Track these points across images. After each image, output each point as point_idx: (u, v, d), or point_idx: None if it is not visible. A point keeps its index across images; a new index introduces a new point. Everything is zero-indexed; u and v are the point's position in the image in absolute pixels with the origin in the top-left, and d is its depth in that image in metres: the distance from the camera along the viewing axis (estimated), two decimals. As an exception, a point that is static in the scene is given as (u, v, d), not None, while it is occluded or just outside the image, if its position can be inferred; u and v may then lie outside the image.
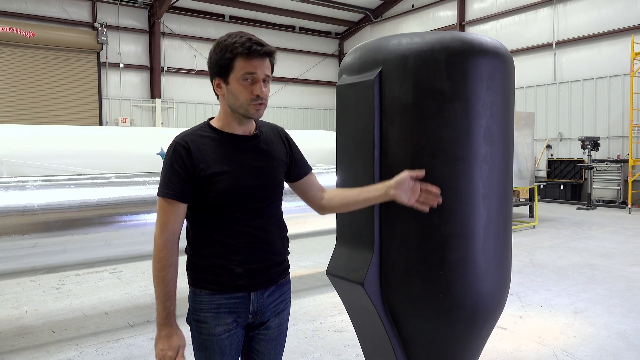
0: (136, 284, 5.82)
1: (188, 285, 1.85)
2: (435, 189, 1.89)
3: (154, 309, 4.86)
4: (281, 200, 1.92)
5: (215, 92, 1.79)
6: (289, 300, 1.98)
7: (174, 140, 1.75)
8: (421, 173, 1.90)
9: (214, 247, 1.76)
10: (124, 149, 8.23)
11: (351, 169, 2.17)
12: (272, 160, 1.85)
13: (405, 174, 1.88)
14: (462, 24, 17.16)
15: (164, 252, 1.71)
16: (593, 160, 12.68)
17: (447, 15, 17.86)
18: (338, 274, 2.15)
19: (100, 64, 16.76)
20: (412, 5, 19.02)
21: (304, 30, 21.45)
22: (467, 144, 1.99)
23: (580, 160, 13.51)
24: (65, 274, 6.19)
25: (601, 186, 13.04)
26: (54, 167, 7.01)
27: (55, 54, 15.80)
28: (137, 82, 17.79)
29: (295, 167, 1.95)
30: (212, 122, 1.82)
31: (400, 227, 2.03)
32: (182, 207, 1.74)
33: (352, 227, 2.16)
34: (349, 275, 2.09)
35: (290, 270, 1.98)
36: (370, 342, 2.26)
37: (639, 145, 12.62)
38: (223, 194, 1.72)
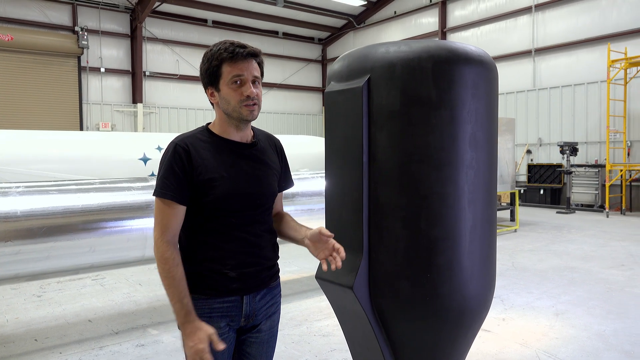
0: (119, 290, 5.76)
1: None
2: (342, 254, 1.77)
3: (138, 315, 4.84)
4: (273, 207, 1.95)
5: (210, 101, 1.82)
6: (279, 304, 2.01)
7: (173, 142, 1.76)
8: (331, 234, 1.79)
9: (209, 252, 1.78)
10: (106, 154, 8.11)
11: (340, 173, 2.21)
12: (268, 168, 1.88)
13: (317, 230, 1.80)
14: (443, 30, 17.39)
15: (169, 252, 1.70)
16: (572, 165, 12.95)
17: (429, 22, 18.09)
18: (327, 278, 2.18)
19: (80, 68, 16.56)
20: (395, 12, 19.22)
21: (287, 36, 21.51)
22: (453, 150, 2.04)
23: (560, 165, 13.78)
24: (47, 282, 6.09)
25: (580, 190, 13.31)
26: (33, 173, 6.89)
27: (34, 58, 15.56)
28: (118, 86, 17.61)
29: (280, 180, 1.99)
30: (211, 127, 1.84)
31: (388, 232, 2.06)
32: (181, 209, 1.74)
33: (341, 232, 2.18)
34: (339, 279, 2.12)
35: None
36: (359, 345, 2.29)
37: (616, 150, 12.92)
38: (220, 199, 1.74)
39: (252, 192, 1.81)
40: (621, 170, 12.12)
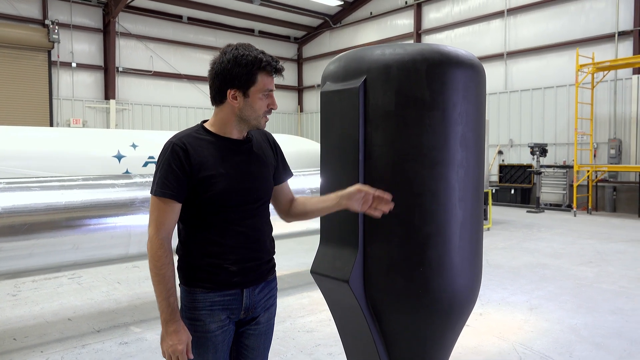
0: (98, 289, 5.69)
1: (178, 285, 1.88)
2: (387, 195, 1.84)
3: (119, 314, 4.81)
4: (270, 201, 2.00)
5: (215, 99, 1.83)
6: (276, 297, 2.07)
7: (170, 141, 1.79)
8: (371, 190, 1.85)
9: (209, 247, 1.82)
10: (79, 151, 7.91)
11: (336, 171, 2.27)
12: (264, 163, 1.94)
13: (355, 187, 1.87)
14: (418, 32, 17.65)
15: (162, 251, 1.75)
16: (541, 166, 13.34)
17: (404, 23, 18.32)
18: (323, 272, 2.24)
19: (51, 63, 16.13)
20: (371, 13, 19.39)
21: (263, 34, 21.43)
22: (445, 149, 2.13)
23: (530, 166, 14.18)
24: (21, 280, 5.97)
25: (548, 190, 13.73)
26: (2, 170, 6.71)
27: (2, 52, 15.08)
28: (90, 82, 17.24)
29: (278, 172, 2.04)
30: (207, 125, 1.87)
31: (383, 227, 2.14)
32: (178, 207, 1.79)
33: (336, 227, 2.25)
34: (334, 273, 2.18)
35: None
36: (352, 338, 2.36)
37: (583, 151, 13.37)
38: (218, 195, 1.78)
39: (249, 187, 1.86)
40: (588, 171, 12.55)
